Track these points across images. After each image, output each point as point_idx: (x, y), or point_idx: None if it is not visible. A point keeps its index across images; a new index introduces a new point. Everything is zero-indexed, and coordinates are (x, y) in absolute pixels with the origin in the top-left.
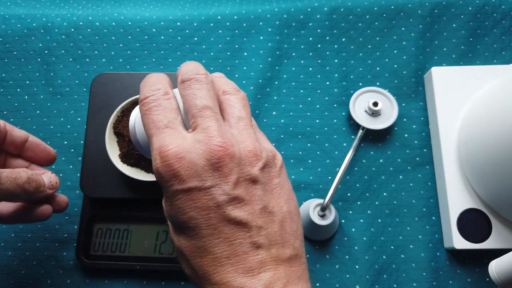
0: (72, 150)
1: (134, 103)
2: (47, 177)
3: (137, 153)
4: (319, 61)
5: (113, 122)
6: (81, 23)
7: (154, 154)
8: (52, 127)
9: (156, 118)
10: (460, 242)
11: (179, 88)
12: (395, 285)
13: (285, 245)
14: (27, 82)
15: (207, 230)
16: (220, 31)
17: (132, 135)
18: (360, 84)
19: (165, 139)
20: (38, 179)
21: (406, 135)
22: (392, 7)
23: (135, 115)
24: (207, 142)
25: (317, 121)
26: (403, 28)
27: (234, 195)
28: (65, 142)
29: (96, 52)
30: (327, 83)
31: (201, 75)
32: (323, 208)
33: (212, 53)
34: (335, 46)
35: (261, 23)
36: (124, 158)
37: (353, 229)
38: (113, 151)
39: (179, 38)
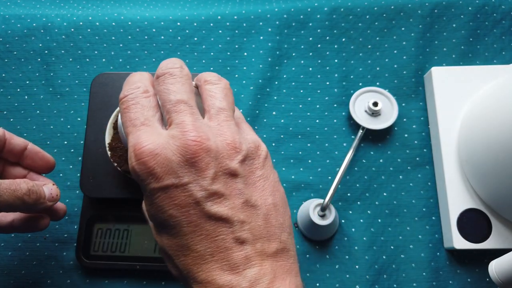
0: (72, 150)
1: None
2: (48, 188)
3: None
4: (319, 61)
5: (113, 122)
6: (81, 23)
7: (130, 152)
8: (52, 127)
9: (133, 116)
10: (460, 242)
11: (155, 82)
12: (395, 285)
13: (270, 239)
14: (27, 82)
15: (188, 227)
16: (220, 31)
17: (121, 135)
18: (360, 84)
19: (140, 137)
20: (39, 191)
21: (406, 135)
22: (392, 7)
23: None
24: (181, 137)
25: (317, 121)
26: (403, 28)
27: (212, 190)
28: (65, 142)
29: (96, 52)
30: (327, 83)
31: (175, 69)
32: (323, 208)
33: (212, 53)
34: (335, 46)
35: (261, 23)
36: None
37: (353, 229)
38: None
39: (179, 38)
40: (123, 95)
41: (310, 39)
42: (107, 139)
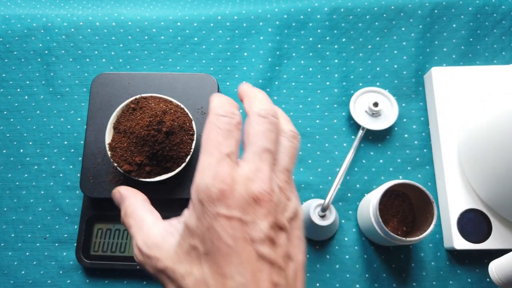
0: (72, 150)
1: (134, 103)
2: None
3: (132, 154)
4: (319, 61)
5: (113, 122)
6: (81, 23)
7: (207, 172)
8: (52, 127)
9: (222, 141)
10: (460, 242)
11: (251, 119)
12: (394, 285)
13: None
14: (27, 82)
15: (238, 259)
16: (220, 31)
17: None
18: (360, 84)
19: (224, 166)
20: None
21: (406, 135)
22: (392, 7)
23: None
24: (258, 184)
25: (317, 121)
26: (403, 28)
27: (267, 234)
28: (65, 142)
29: (96, 52)
30: (327, 83)
31: (276, 120)
32: (324, 209)
33: (212, 53)
34: (335, 46)
35: (261, 23)
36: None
37: (354, 229)
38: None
39: (179, 38)
40: (221, 112)
41: (310, 39)
42: (107, 139)
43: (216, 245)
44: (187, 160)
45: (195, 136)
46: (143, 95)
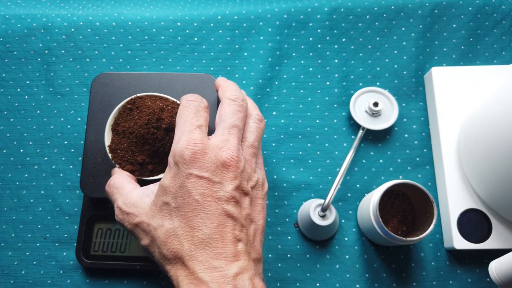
0: (72, 150)
1: (130, 103)
2: None
3: (133, 154)
4: (319, 61)
5: (111, 124)
6: (81, 23)
7: (182, 140)
8: (52, 127)
9: (192, 116)
10: (460, 242)
11: (223, 102)
12: (394, 285)
13: (255, 248)
14: (27, 82)
15: (205, 213)
16: (220, 31)
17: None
18: (360, 84)
19: (195, 133)
20: None
21: (406, 135)
22: (392, 7)
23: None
24: (226, 152)
25: (317, 121)
26: (403, 28)
27: (232, 195)
28: (65, 142)
29: (96, 52)
30: (327, 83)
31: (244, 104)
32: (324, 209)
33: (212, 53)
34: (335, 46)
35: (261, 23)
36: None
37: (354, 229)
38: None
39: (179, 38)
40: (191, 98)
41: (310, 39)
42: (107, 141)
43: (186, 200)
44: None
45: None
46: (138, 94)
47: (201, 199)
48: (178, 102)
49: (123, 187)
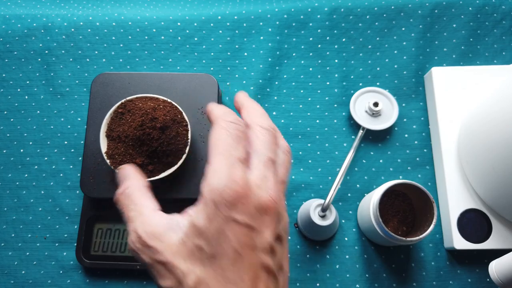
0: (72, 150)
1: (121, 107)
2: None
3: (132, 157)
4: (319, 61)
5: (105, 131)
6: (81, 23)
7: (221, 174)
8: (52, 127)
9: (234, 144)
10: (460, 242)
11: (256, 130)
12: (394, 285)
13: None
14: (27, 82)
15: (242, 264)
16: (220, 31)
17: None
18: (360, 84)
19: (238, 170)
20: None
21: (406, 135)
22: (392, 7)
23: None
24: (266, 191)
25: (317, 121)
26: (403, 28)
27: (271, 245)
28: (65, 142)
29: (96, 52)
30: (327, 83)
31: (276, 134)
32: (324, 209)
33: (212, 53)
34: (335, 46)
35: (261, 23)
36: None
37: (354, 229)
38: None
39: (179, 38)
40: (230, 119)
41: (310, 39)
42: (103, 148)
43: (224, 248)
44: (187, 150)
45: (189, 126)
46: (128, 98)
47: (240, 249)
48: (169, 100)
49: (142, 205)
